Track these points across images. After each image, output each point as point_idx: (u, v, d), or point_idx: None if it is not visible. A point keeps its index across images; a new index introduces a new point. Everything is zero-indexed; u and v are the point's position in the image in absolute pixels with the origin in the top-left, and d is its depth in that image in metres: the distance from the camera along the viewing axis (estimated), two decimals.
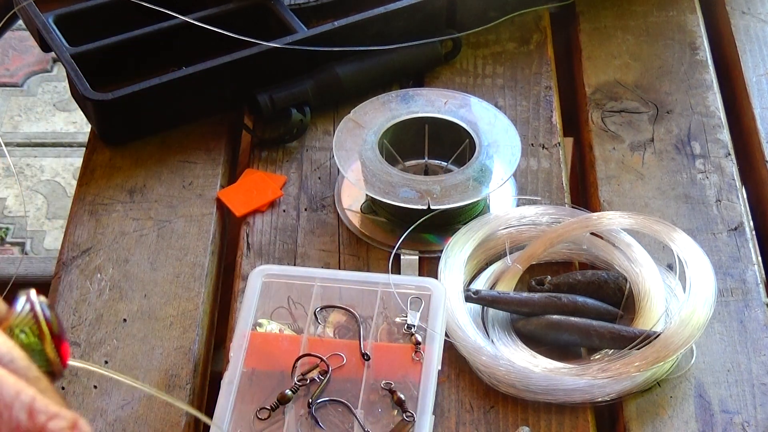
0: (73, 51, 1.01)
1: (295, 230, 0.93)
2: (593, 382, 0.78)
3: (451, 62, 1.08)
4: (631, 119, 1.02)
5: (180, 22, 1.03)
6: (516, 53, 1.10)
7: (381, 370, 0.79)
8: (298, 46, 1.01)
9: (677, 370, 0.81)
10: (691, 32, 1.12)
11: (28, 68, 2.33)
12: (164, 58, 1.03)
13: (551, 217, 0.91)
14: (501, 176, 0.92)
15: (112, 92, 0.97)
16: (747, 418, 0.79)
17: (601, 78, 1.07)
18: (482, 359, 0.80)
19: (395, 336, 0.81)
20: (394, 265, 0.89)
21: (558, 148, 0.99)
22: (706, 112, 1.03)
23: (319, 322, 0.82)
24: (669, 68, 1.08)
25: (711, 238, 0.91)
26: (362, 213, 0.94)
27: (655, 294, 0.84)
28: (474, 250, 0.88)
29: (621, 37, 1.11)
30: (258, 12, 1.07)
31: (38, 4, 1.06)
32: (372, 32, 1.05)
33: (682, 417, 0.79)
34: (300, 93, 1.01)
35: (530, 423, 0.78)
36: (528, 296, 0.85)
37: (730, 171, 0.97)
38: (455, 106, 0.97)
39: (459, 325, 0.82)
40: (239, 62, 1.00)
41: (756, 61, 1.08)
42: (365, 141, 0.94)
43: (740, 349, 0.83)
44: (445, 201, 0.89)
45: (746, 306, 0.86)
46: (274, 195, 0.96)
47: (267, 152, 1.00)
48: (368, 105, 0.98)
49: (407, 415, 0.76)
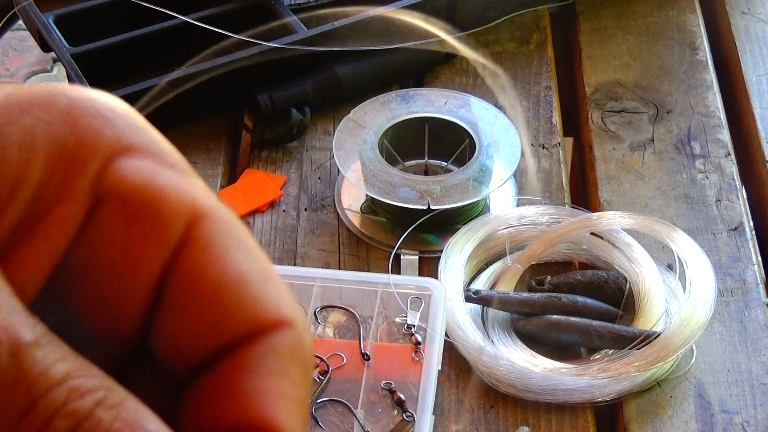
0: (73, 51, 1.01)
1: (295, 230, 0.93)
2: (593, 382, 0.78)
3: (451, 62, 1.08)
4: (631, 119, 1.02)
5: (180, 22, 1.03)
6: (516, 53, 1.09)
7: (381, 370, 0.79)
8: (298, 46, 1.01)
9: (677, 370, 0.81)
10: (691, 32, 1.12)
11: (28, 68, 2.33)
12: (164, 58, 1.03)
13: (551, 217, 0.91)
14: (501, 176, 0.92)
15: (112, 92, 0.97)
16: (747, 418, 0.79)
17: (601, 78, 1.07)
18: (482, 359, 0.80)
19: (395, 336, 0.81)
20: (394, 265, 0.89)
21: (558, 148, 0.99)
22: (706, 112, 1.03)
23: (319, 322, 0.82)
24: (669, 68, 1.08)
25: (711, 238, 0.91)
26: (362, 213, 0.94)
27: (655, 294, 0.84)
28: (474, 250, 0.88)
29: (621, 37, 1.11)
30: (258, 12, 1.07)
31: (38, 4, 1.05)
32: (372, 32, 1.05)
33: (682, 417, 0.79)
34: (300, 93, 1.01)
35: (530, 423, 0.78)
36: (528, 296, 0.85)
37: (730, 171, 0.97)
38: (455, 106, 0.97)
39: (459, 325, 0.82)
40: (239, 62, 1.00)
41: (756, 61, 1.08)
42: (365, 141, 0.94)
43: (740, 349, 0.83)
44: (445, 201, 0.89)
45: (746, 306, 0.86)
46: (274, 195, 0.96)
47: (267, 152, 1.00)
48: (368, 105, 0.98)
49: (407, 415, 0.76)
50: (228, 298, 0.25)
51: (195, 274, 0.25)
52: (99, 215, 0.25)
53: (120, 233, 0.25)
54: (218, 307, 0.25)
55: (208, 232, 0.25)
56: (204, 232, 0.25)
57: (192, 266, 0.25)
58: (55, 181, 0.25)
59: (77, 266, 0.25)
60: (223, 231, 0.25)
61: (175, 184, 0.25)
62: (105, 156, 0.25)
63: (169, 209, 0.25)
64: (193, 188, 0.26)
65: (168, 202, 0.25)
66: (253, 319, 0.25)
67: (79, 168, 0.25)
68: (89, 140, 0.25)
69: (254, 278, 0.25)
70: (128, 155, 0.25)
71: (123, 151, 0.25)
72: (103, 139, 0.25)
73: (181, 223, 0.25)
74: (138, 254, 0.25)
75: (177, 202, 0.25)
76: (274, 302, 0.25)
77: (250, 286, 0.25)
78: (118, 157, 0.25)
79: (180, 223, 0.25)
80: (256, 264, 0.26)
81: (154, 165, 0.25)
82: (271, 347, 0.25)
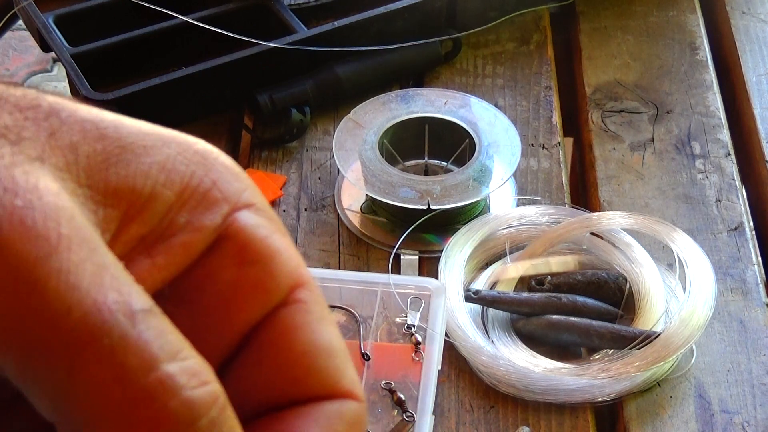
0: (73, 51, 1.01)
1: (295, 230, 0.93)
2: (593, 382, 0.78)
3: (451, 62, 1.08)
4: (631, 119, 1.02)
5: (180, 22, 1.03)
6: (516, 53, 1.09)
7: (381, 370, 0.79)
8: (298, 46, 1.01)
9: (677, 370, 0.81)
10: (691, 32, 1.12)
11: (28, 68, 2.33)
12: (164, 58, 1.03)
13: (551, 217, 0.91)
14: (501, 176, 0.92)
15: (112, 92, 0.97)
16: (747, 418, 0.79)
17: (601, 78, 1.07)
18: (482, 359, 0.80)
19: (395, 336, 0.81)
20: (394, 265, 0.89)
21: (558, 148, 0.99)
22: (706, 112, 1.03)
23: None
24: (669, 68, 1.08)
25: (711, 238, 0.91)
26: (362, 213, 0.94)
27: (655, 294, 0.84)
28: (474, 250, 0.88)
29: (621, 37, 1.11)
30: (258, 12, 1.07)
31: (38, 4, 1.05)
32: (372, 32, 1.05)
33: (682, 417, 0.79)
34: (300, 93, 1.01)
35: (530, 423, 0.78)
36: (528, 296, 0.85)
37: (730, 171, 0.97)
38: (455, 106, 0.97)
39: (459, 325, 0.82)
40: (239, 62, 1.00)
41: (756, 61, 1.08)
42: (365, 141, 0.94)
43: (740, 349, 0.83)
44: (445, 201, 0.89)
45: (746, 306, 0.86)
46: (274, 195, 0.96)
47: (267, 152, 1.00)
48: (368, 105, 0.98)
49: (407, 415, 0.76)
50: (316, 362, 0.28)
51: (291, 333, 0.28)
52: (216, 253, 0.27)
53: (231, 275, 0.27)
54: (305, 367, 0.28)
55: (307, 301, 0.28)
56: (304, 300, 0.28)
57: (289, 326, 0.28)
58: (187, 209, 0.27)
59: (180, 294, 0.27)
60: (317, 302, 0.28)
61: (287, 249, 0.28)
62: (233, 203, 0.28)
63: (281, 269, 0.28)
64: (299, 258, 0.29)
65: (280, 261, 0.28)
66: (332, 385, 0.28)
67: (211, 205, 0.27)
68: (222, 185, 0.27)
69: (338, 351, 0.28)
70: (251, 210, 0.28)
71: (247, 206, 0.28)
72: (234, 189, 0.28)
73: (287, 285, 0.28)
74: (243, 299, 0.27)
75: (287, 264, 0.28)
76: (350, 377, 0.28)
77: (335, 357, 0.28)
78: (244, 209, 0.28)
79: (286, 284, 0.28)
80: (340, 339, 0.29)
81: (272, 227, 0.28)
82: (340, 410, 0.28)
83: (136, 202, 0.26)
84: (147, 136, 0.27)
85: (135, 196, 0.26)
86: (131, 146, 0.26)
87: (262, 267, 0.27)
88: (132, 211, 0.26)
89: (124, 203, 0.26)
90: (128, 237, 0.26)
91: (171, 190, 0.27)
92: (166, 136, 0.28)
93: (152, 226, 0.26)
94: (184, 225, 0.27)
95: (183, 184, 0.27)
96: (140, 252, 0.26)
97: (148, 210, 0.26)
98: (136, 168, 0.26)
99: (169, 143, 0.27)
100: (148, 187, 0.26)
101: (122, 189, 0.26)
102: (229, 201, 0.27)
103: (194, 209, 0.27)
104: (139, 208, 0.26)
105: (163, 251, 0.27)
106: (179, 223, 0.27)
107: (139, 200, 0.26)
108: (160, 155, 0.27)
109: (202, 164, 0.27)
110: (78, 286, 0.23)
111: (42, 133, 0.25)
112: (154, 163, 0.27)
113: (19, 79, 2.31)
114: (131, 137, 0.27)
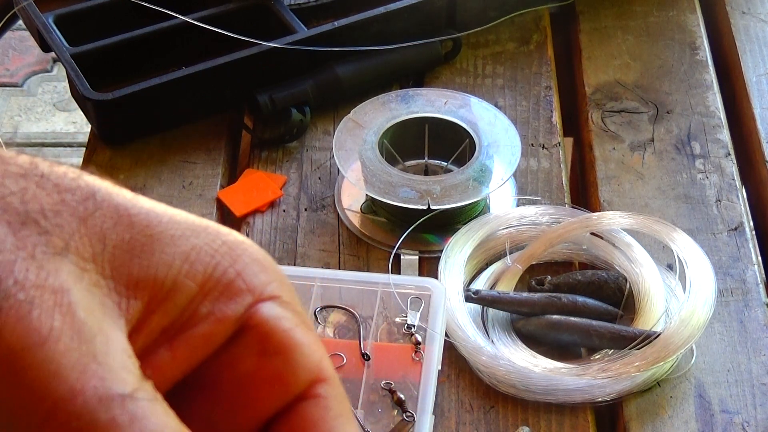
0: (73, 51, 1.01)
1: (295, 230, 0.93)
2: (593, 382, 0.78)
3: (451, 62, 1.08)
4: (631, 119, 1.02)
5: (180, 22, 1.03)
6: (516, 53, 1.10)
7: (381, 370, 0.79)
8: (298, 46, 1.01)
9: (677, 370, 0.81)
10: (691, 32, 1.12)
11: (28, 68, 2.33)
12: (164, 58, 1.03)
13: (551, 217, 0.91)
14: (501, 176, 0.92)
15: (112, 92, 0.97)
16: (747, 418, 0.79)
17: (601, 78, 1.07)
18: (482, 359, 0.80)
19: (395, 336, 0.81)
20: (394, 265, 0.89)
21: (558, 148, 1.00)
22: (706, 112, 1.03)
23: (319, 322, 0.82)
24: (669, 68, 1.08)
25: (711, 238, 0.91)
26: (362, 213, 0.94)
27: (655, 294, 0.84)
28: (474, 250, 0.88)
29: (621, 37, 1.11)
30: (258, 12, 1.07)
31: (38, 4, 1.06)
32: (372, 32, 1.05)
33: (682, 417, 0.79)
34: (300, 93, 1.01)
35: (530, 423, 0.78)
36: (528, 296, 0.85)
37: (730, 171, 0.97)
38: (455, 106, 0.97)
39: (459, 325, 0.82)
40: (239, 62, 1.00)
41: (756, 61, 1.08)
42: (365, 141, 0.94)
43: (740, 349, 0.83)
44: (445, 201, 0.89)
45: (746, 306, 0.86)
46: (274, 195, 0.96)
47: (267, 152, 1.00)
48: (368, 105, 0.98)
49: (407, 415, 0.76)
50: None
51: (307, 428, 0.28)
52: (238, 343, 0.28)
53: (252, 365, 0.28)
54: None
55: (327, 396, 0.29)
56: (323, 395, 0.29)
57: (307, 420, 0.28)
58: (210, 300, 0.28)
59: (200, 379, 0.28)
60: (337, 398, 0.29)
61: (310, 343, 0.28)
62: (257, 295, 0.28)
63: (302, 362, 0.28)
64: (322, 351, 0.29)
65: (302, 354, 0.28)
66: None
67: (234, 296, 0.28)
68: (247, 276, 0.28)
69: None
70: (276, 302, 0.28)
71: (273, 297, 0.28)
72: (259, 280, 0.28)
73: (307, 378, 0.28)
74: (262, 390, 0.28)
75: (308, 357, 0.28)
76: None
77: None
78: (268, 300, 0.28)
79: (306, 377, 0.28)
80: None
81: (296, 320, 0.28)
82: None
83: (158, 294, 0.27)
84: (177, 225, 0.28)
85: (157, 287, 0.27)
86: (159, 235, 0.27)
87: (283, 359, 0.28)
88: (153, 303, 0.27)
89: (146, 295, 0.27)
90: (150, 328, 0.27)
91: (194, 280, 0.27)
92: (197, 226, 0.28)
93: (174, 317, 0.27)
94: (206, 315, 0.27)
95: (206, 275, 0.27)
96: (161, 344, 0.27)
97: (170, 301, 0.27)
98: (159, 258, 0.27)
99: (198, 233, 0.28)
100: (170, 278, 0.27)
101: (144, 280, 0.27)
102: (254, 292, 0.28)
103: (217, 300, 0.27)
104: (160, 300, 0.27)
105: (184, 342, 0.27)
106: (201, 313, 0.27)
107: (161, 291, 0.27)
108: (186, 245, 0.27)
109: (228, 255, 0.28)
110: (57, 374, 0.24)
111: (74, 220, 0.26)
112: (179, 253, 0.27)
113: (19, 79, 2.31)
114: (161, 226, 0.27)
